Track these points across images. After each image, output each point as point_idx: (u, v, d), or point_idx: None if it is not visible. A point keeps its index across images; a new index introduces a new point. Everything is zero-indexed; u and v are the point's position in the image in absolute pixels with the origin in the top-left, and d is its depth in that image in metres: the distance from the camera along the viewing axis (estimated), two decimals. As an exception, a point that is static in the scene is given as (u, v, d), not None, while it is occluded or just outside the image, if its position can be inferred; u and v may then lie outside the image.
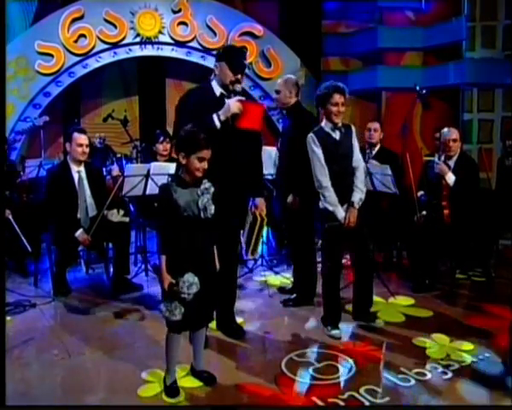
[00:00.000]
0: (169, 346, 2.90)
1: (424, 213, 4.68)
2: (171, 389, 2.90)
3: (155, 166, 4.61)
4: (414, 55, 7.73)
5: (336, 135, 3.62)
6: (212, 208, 2.79)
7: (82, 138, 4.56)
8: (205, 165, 2.77)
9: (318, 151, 3.57)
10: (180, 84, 8.75)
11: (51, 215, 4.51)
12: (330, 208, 3.57)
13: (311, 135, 3.61)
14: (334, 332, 3.67)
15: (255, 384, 3.00)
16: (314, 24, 8.32)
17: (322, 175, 3.57)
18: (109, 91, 8.49)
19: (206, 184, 2.82)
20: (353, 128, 3.75)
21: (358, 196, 3.63)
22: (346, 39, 8.28)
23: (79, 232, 4.37)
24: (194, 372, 3.09)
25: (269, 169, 4.65)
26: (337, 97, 3.54)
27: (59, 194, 4.45)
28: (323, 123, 3.65)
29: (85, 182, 4.60)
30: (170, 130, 6.85)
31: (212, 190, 2.83)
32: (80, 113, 8.35)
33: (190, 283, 2.71)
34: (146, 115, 8.54)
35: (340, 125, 3.62)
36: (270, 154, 4.67)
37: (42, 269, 4.94)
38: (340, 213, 3.57)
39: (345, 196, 3.61)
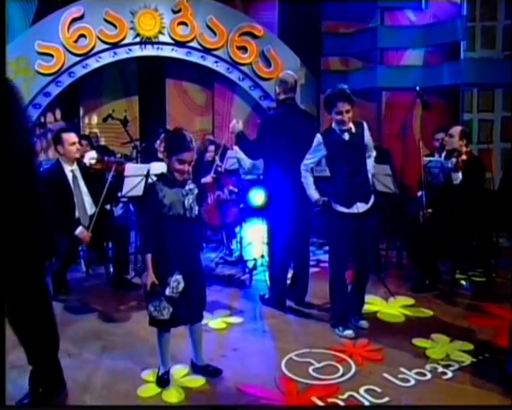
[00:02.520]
0: (159, 341, 2.99)
1: (430, 210, 4.67)
2: (161, 379, 2.98)
3: (155, 166, 4.60)
4: (414, 55, 7.71)
5: (345, 136, 3.60)
6: (196, 209, 2.87)
7: (72, 137, 4.53)
8: (185, 167, 2.83)
9: (311, 156, 3.70)
10: (180, 84, 8.76)
11: (49, 216, 4.49)
12: (307, 193, 3.76)
13: (318, 135, 3.65)
14: (347, 332, 3.68)
15: (255, 384, 3.00)
16: (314, 24, 8.31)
17: (303, 165, 3.76)
18: (109, 91, 8.48)
19: (190, 184, 2.91)
20: (365, 124, 3.72)
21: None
22: (346, 39, 8.27)
23: (79, 230, 4.36)
24: (197, 368, 3.11)
25: None
26: (340, 105, 3.51)
27: (54, 195, 4.43)
28: (334, 124, 3.65)
29: (80, 180, 4.58)
30: (171, 129, 6.88)
31: (196, 191, 2.91)
32: (80, 113, 8.35)
33: (178, 282, 2.81)
34: (146, 115, 8.54)
35: (347, 127, 3.59)
36: None
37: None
38: (314, 196, 3.72)
39: (356, 195, 3.63)
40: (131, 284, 4.66)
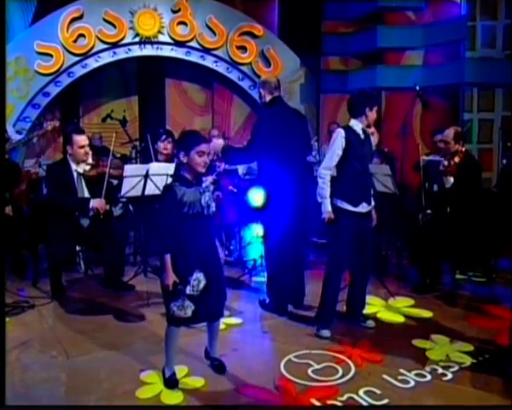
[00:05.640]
0: (170, 339, 2.97)
1: (429, 211, 4.66)
2: (171, 380, 2.97)
3: (154, 167, 4.59)
4: (414, 55, 7.70)
5: (362, 136, 3.71)
6: (213, 205, 2.90)
7: (82, 139, 4.52)
8: (205, 159, 2.86)
9: (339, 152, 3.65)
10: (180, 84, 8.77)
11: (50, 211, 4.49)
12: (319, 200, 3.69)
13: (341, 131, 3.68)
14: (323, 332, 3.68)
15: (254, 386, 2.98)
16: (314, 23, 8.30)
17: (327, 169, 3.68)
18: (109, 91, 8.49)
19: (206, 181, 2.94)
20: (370, 134, 3.88)
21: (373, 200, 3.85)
22: (346, 39, 8.26)
23: (92, 201, 4.37)
24: (208, 357, 3.19)
25: None
26: (377, 106, 3.77)
27: (58, 191, 4.44)
28: (353, 123, 3.71)
29: (84, 181, 4.58)
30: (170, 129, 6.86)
31: (212, 187, 2.94)
32: (80, 113, 8.35)
33: (199, 280, 2.82)
34: (146, 115, 8.54)
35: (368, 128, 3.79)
36: None
37: (41, 270, 4.90)
38: (327, 206, 3.64)
39: (364, 192, 3.71)
40: (125, 286, 4.63)
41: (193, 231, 2.84)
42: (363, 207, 3.69)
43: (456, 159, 4.47)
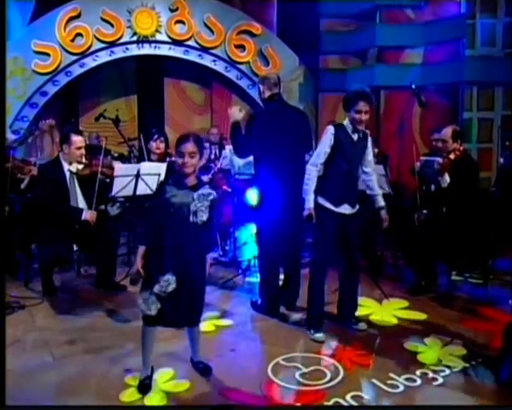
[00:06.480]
0: (143, 339, 2.93)
1: (425, 211, 4.61)
2: (142, 384, 2.92)
3: (145, 166, 4.56)
4: (413, 53, 7.63)
5: (354, 137, 3.61)
6: (203, 215, 2.80)
7: (81, 140, 4.54)
8: (185, 160, 2.80)
9: (327, 150, 3.57)
10: (178, 83, 8.73)
11: (43, 211, 4.46)
12: (303, 196, 3.63)
13: (330, 128, 3.60)
14: (317, 335, 3.62)
15: (240, 390, 2.93)
16: (312, 22, 8.25)
17: (313, 166, 3.61)
18: (107, 91, 8.46)
19: (205, 189, 2.85)
20: (369, 136, 3.74)
21: (382, 200, 3.76)
22: (345, 37, 8.20)
23: (84, 213, 4.36)
24: (193, 363, 3.15)
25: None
26: (361, 105, 3.52)
27: (50, 191, 4.41)
28: (346, 122, 3.63)
29: (76, 181, 4.56)
30: (167, 129, 6.84)
31: (212, 197, 2.84)
32: (78, 112, 8.32)
33: (169, 282, 2.77)
34: (144, 115, 8.50)
35: (362, 127, 3.62)
36: None
37: (33, 270, 4.87)
38: (309, 202, 3.57)
39: (346, 194, 3.62)
40: (117, 286, 4.60)
41: (174, 232, 2.79)
42: (345, 209, 3.62)
43: (452, 156, 4.40)
